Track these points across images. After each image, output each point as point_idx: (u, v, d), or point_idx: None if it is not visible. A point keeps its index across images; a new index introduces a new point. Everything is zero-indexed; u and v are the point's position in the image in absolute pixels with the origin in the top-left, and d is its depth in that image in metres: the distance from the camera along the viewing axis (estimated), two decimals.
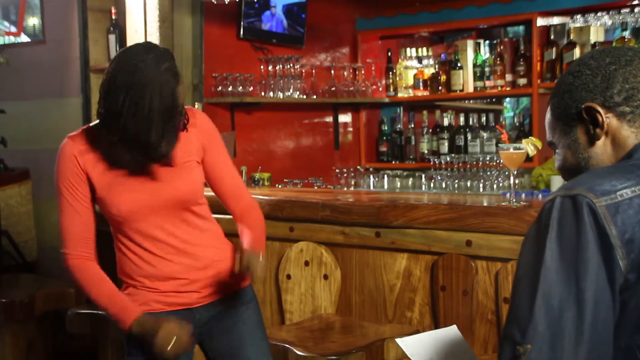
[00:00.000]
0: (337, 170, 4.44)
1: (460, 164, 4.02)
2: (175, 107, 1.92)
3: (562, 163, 1.36)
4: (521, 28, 5.10)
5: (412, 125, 4.90)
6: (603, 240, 1.11)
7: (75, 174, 2.01)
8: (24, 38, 4.51)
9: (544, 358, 1.10)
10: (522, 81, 4.38)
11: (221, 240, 2.21)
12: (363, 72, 4.86)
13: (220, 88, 4.19)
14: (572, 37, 4.19)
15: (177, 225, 2.09)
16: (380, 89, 4.93)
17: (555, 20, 4.41)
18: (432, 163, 4.15)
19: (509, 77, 4.48)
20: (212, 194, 2.25)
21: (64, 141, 2.04)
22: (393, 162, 4.89)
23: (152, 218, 2.04)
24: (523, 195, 3.09)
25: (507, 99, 5.68)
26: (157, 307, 2.09)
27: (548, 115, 1.37)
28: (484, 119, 4.51)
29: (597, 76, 1.27)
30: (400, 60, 4.94)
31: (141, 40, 3.98)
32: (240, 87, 4.16)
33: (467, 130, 4.54)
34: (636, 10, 4.07)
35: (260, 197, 3.15)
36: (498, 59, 4.49)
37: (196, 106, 4.03)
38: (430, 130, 4.78)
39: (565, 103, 1.32)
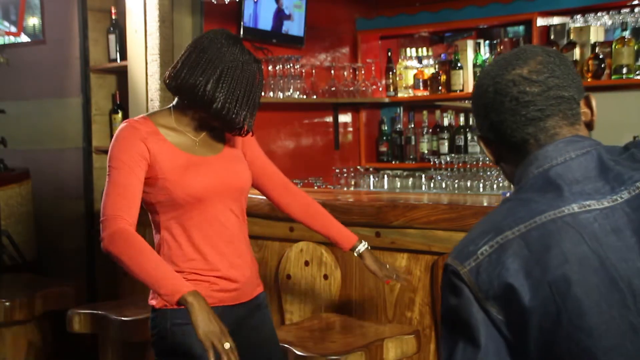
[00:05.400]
0: (337, 170, 4.43)
1: (460, 164, 4.01)
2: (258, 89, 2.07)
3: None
4: (521, 28, 5.10)
5: (412, 125, 4.90)
6: (479, 304, 1.14)
7: (138, 153, 1.98)
8: (24, 38, 4.51)
9: None
10: None
11: (249, 241, 2.23)
12: (363, 72, 4.85)
13: None
14: (572, 37, 4.18)
15: (228, 217, 2.10)
16: (380, 89, 4.92)
17: (555, 20, 4.41)
18: (432, 163, 4.14)
19: None
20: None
21: (124, 126, 2.02)
22: (393, 162, 4.89)
23: (212, 206, 2.05)
24: None
25: None
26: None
27: None
28: None
29: None
30: (400, 60, 4.93)
31: (141, 40, 3.99)
32: None
33: (467, 130, 4.54)
34: (636, 10, 4.07)
35: (260, 196, 3.15)
36: None
37: None
38: (430, 130, 4.77)
39: None
